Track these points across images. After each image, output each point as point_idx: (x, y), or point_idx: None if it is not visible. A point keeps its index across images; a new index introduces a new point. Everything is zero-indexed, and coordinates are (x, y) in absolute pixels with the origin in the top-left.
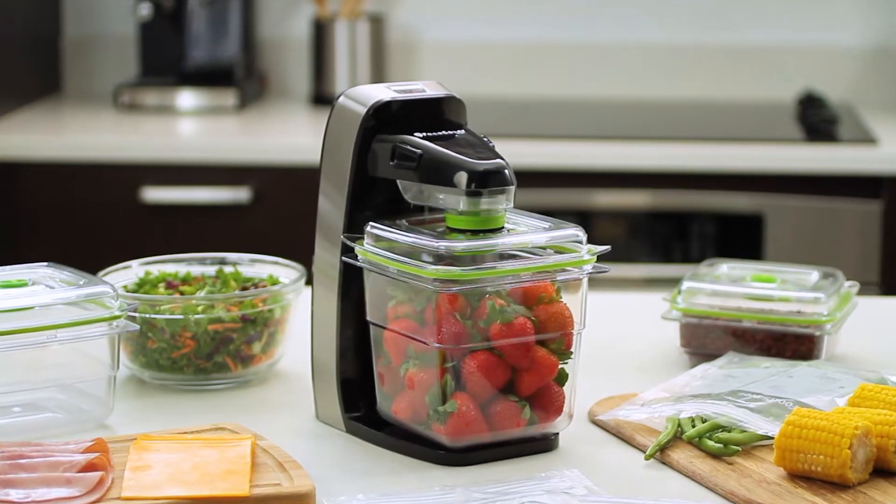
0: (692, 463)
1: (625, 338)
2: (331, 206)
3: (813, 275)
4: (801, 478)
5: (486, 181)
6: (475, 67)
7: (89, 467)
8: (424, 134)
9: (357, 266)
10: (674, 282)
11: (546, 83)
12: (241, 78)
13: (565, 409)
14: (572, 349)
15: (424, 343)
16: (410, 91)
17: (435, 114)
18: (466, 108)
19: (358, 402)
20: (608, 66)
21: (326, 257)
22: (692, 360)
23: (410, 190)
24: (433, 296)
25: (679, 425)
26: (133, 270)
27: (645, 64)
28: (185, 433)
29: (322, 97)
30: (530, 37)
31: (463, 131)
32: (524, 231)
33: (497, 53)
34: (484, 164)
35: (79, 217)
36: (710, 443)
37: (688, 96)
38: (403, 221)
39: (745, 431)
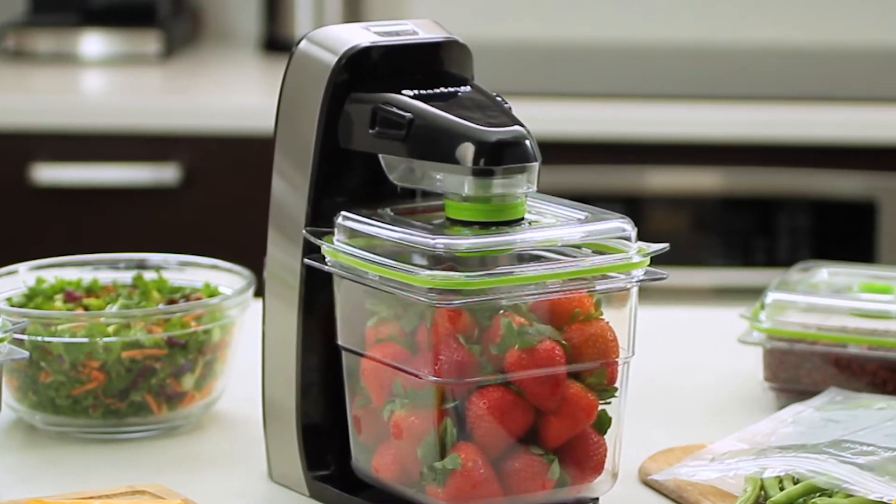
0: None
1: (688, 369)
2: (289, 190)
3: None
4: None
5: (500, 156)
6: (483, 1)
7: None
8: (416, 92)
9: (325, 271)
10: (755, 292)
11: (580, 23)
12: (166, 16)
13: (607, 465)
14: (617, 384)
15: (416, 376)
16: (397, 34)
17: (430, 64)
18: (473, 57)
19: (325, 455)
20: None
21: (283, 259)
22: (780, 399)
23: (397, 168)
24: (428, 312)
25: (762, 487)
26: (20, 276)
27: None
28: (92, 498)
29: (277, 42)
30: None
31: (468, 88)
32: (551, 224)
33: None
34: (497, 132)
35: None
36: None
37: (773, 40)
38: (388, 210)
39: (851, 496)
